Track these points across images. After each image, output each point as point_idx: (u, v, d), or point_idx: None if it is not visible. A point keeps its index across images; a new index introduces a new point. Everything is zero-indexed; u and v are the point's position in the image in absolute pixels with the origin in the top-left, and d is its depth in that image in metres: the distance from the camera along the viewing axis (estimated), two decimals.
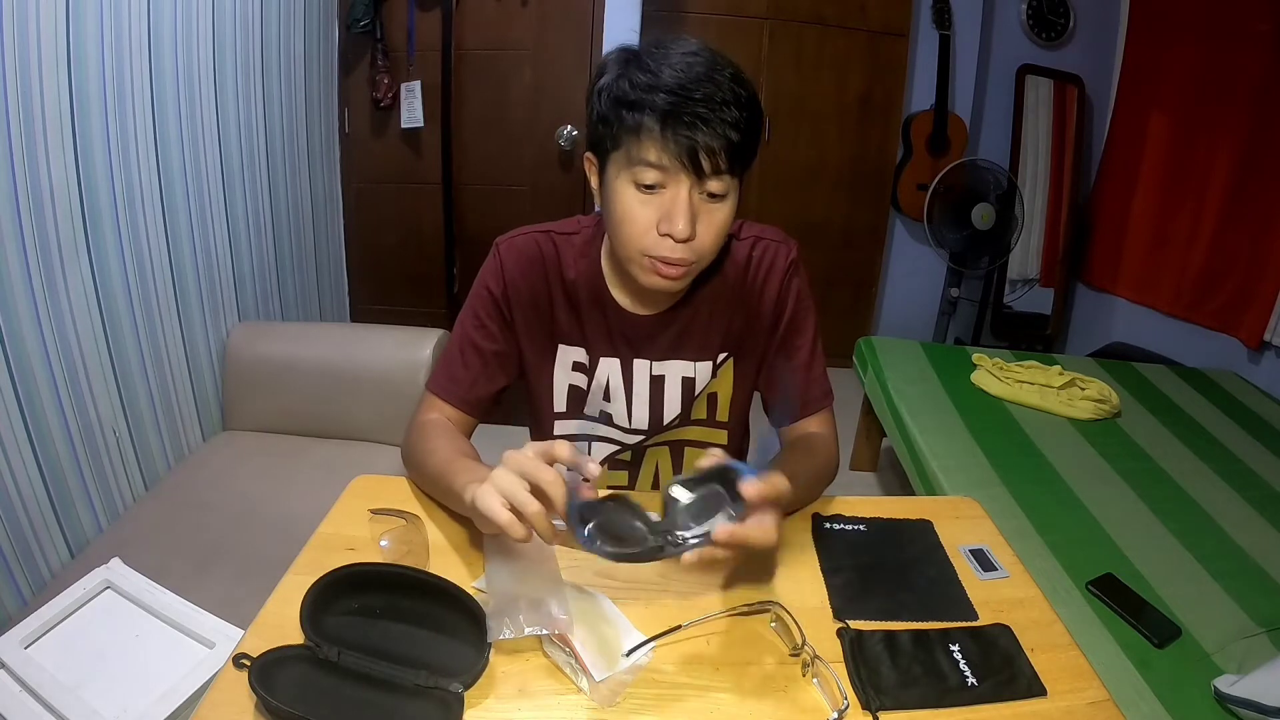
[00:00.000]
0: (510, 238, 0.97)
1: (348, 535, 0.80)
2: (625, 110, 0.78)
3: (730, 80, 0.77)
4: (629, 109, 0.77)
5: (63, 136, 1.31)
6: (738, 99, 0.77)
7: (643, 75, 0.77)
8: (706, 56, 0.78)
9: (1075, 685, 0.66)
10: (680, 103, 0.75)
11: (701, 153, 0.76)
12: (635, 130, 0.77)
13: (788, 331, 0.98)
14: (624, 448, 1.03)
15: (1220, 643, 1.20)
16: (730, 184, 0.80)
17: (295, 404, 1.75)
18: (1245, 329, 2.47)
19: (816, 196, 3.09)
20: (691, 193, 0.79)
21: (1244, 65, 2.54)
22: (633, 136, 0.78)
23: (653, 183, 0.79)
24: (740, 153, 0.79)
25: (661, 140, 0.76)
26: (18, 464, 1.26)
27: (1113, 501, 1.58)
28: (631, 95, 0.77)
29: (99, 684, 0.97)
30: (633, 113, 0.77)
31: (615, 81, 0.79)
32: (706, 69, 0.76)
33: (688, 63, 0.76)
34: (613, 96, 0.79)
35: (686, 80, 0.75)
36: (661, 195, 0.80)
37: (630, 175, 0.80)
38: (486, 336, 0.95)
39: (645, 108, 0.76)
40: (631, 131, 0.78)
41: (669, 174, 0.78)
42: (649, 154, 0.77)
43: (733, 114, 0.76)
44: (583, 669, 0.63)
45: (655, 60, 0.77)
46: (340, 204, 2.65)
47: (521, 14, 2.51)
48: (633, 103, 0.77)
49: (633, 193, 0.81)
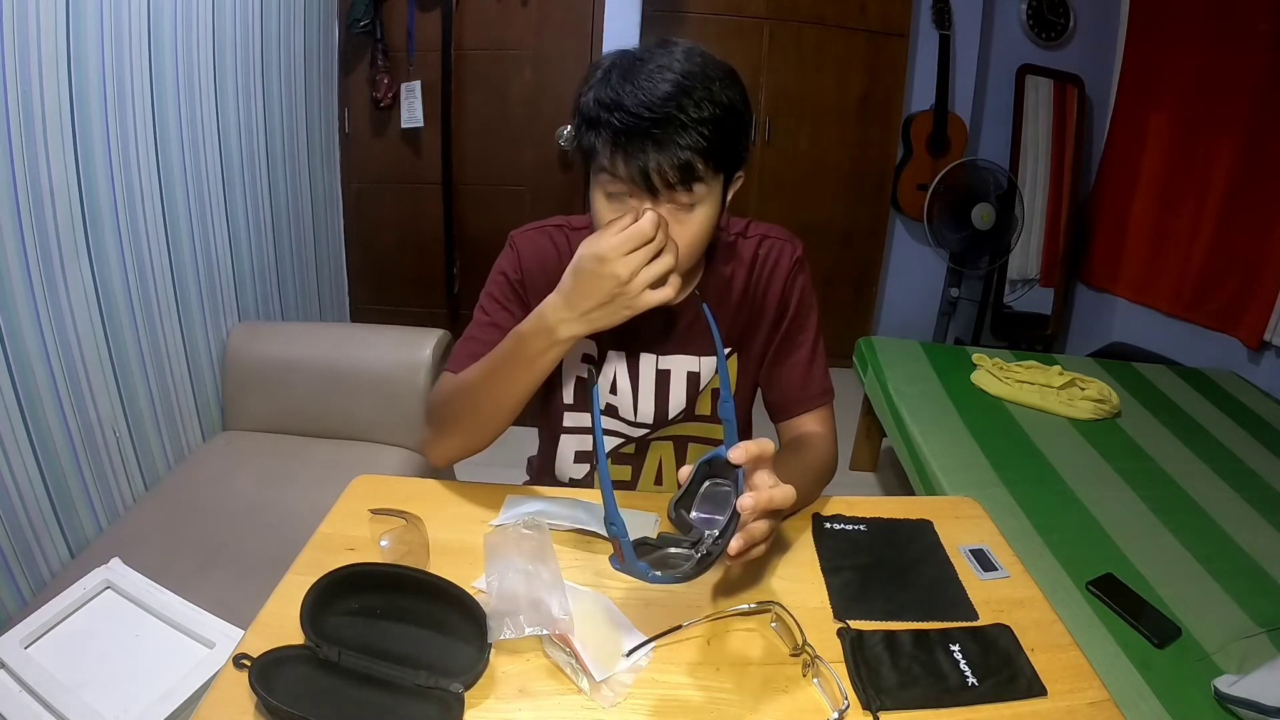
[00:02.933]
0: (523, 231, 0.98)
1: (348, 535, 0.80)
2: (585, 127, 0.79)
3: (700, 98, 0.75)
4: (588, 126, 0.79)
5: (63, 136, 1.31)
6: (700, 119, 0.75)
7: (607, 92, 0.77)
8: (679, 70, 0.76)
9: (1075, 685, 0.66)
10: (634, 124, 0.74)
11: (653, 174, 0.76)
12: (593, 147, 0.79)
13: (790, 328, 0.98)
14: (628, 440, 1.03)
15: (1220, 643, 1.19)
16: (701, 193, 0.80)
17: (295, 404, 1.75)
18: (1245, 329, 2.47)
19: (816, 196, 3.09)
20: (655, 205, 0.79)
21: (1244, 65, 2.54)
22: (591, 153, 0.80)
23: (616, 192, 0.80)
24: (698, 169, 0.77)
25: (612, 160, 0.77)
26: (18, 464, 1.26)
27: (1113, 501, 1.58)
28: (592, 112, 0.78)
29: (99, 684, 0.97)
30: (590, 131, 0.79)
31: (586, 94, 0.80)
32: (673, 87, 0.75)
33: (655, 80, 0.75)
34: (580, 111, 0.81)
35: (648, 101, 0.74)
36: (628, 204, 0.80)
37: (598, 184, 0.82)
38: (507, 317, 0.95)
39: (601, 126, 0.77)
40: (589, 150, 0.80)
41: (631, 187, 0.79)
42: (607, 170, 0.79)
43: (691, 137, 0.75)
44: (583, 669, 0.63)
45: (625, 75, 0.77)
46: (340, 204, 2.65)
47: (521, 14, 2.51)
48: (592, 120, 0.78)
49: (603, 199, 0.82)
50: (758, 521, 0.66)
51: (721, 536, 0.63)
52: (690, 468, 0.67)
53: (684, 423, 1.02)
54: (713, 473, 0.66)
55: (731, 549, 0.63)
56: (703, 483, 0.67)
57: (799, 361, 0.99)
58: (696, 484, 0.67)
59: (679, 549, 0.65)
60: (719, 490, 0.66)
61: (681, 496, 0.67)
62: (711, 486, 0.66)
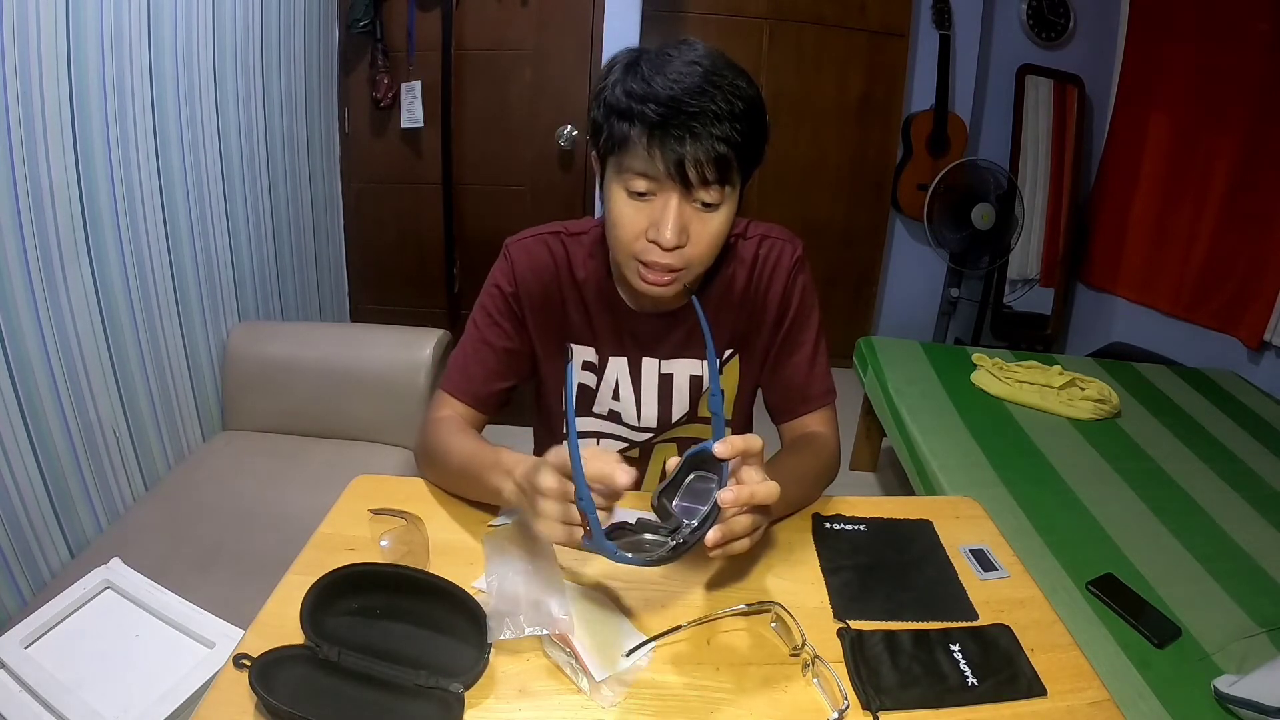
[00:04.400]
0: (519, 239, 0.97)
1: (348, 535, 0.80)
2: (617, 119, 0.78)
3: (728, 91, 0.75)
4: (620, 118, 0.78)
5: (63, 136, 1.31)
6: (733, 111, 0.75)
7: (637, 84, 0.76)
8: (707, 65, 0.76)
9: (1075, 685, 0.66)
10: (670, 115, 0.74)
11: (689, 165, 0.75)
12: (625, 140, 0.77)
13: (792, 328, 0.98)
14: (631, 445, 1.03)
15: (1220, 643, 1.19)
16: (724, 193, 0.80)
17: (295, 404, 1.75)
18: (1245, 329, 2.47)
19: (816, 196, 3.09)
20: (681, 202, 0.79)
21: (1244, 65, 2.54)
22: (623, 145, 0.78)
23: (643, 190, 0.79)
24: (732, 164, 0.77)
25: (649, 152, 0.76)
26: (18, 464, 1.26)
27: (1113, 501, 1.58)
28: (623, 104, 0.77)
29: (99, 684, 0.97)
30: (623, 122, 0.77)
31: (613, 88, 0.79)
32: (703, 79, 0.75)
33: (684, 72, 0.75)
34: (608, 103, 0.79)
35: (679, 91, 0.74)
36: (652, 203, 0.80)
37: (622, 182, 0.80)
38: (500, 334, 0.95)
39: (635, 118, 0.76)
40: (622, 140, 0.78)
41: (658, 183, 0.78)
42: (638, 164, 0.77)
43: (724, 128, 0.75)
44: (583, 669, 0.63)
45: (653, 68, 0.77)
46: (340, 204, 2.65)
47: (521, 14, 2.51)
48: (624, 112, 0.77)
49: (624, 198, 0.81)
50: (740, 516, 0.65)
51: (699, 527, 0.63)
52: (678, 459, 0.67)
53: (687, 425, 1.02)
54: (700, 465, 0.66)
55: (709, 540, 0.63)
56: (689, 474, 0.66)
57: (800, 361, 0.99)
58: (682, 475, 0.66)
59: (655, 535, 0.65)
60: (703, 483, 0.66)
61: (666, 487, 0.66)
62: (697, 479, 0.66)
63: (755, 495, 0.64)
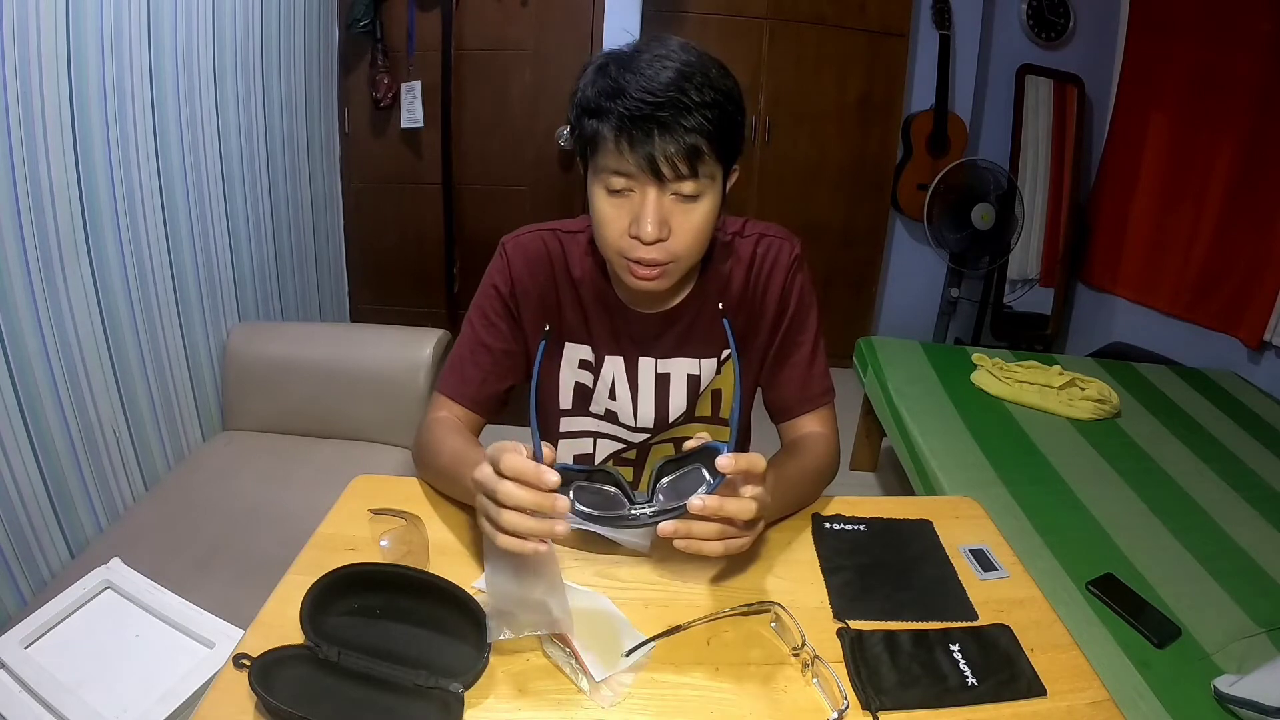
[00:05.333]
0: (515, 237, 0.97)
1: (348, 535, 0.80)
2: (589, 119, 0.79)
3: (700, 83, 0.75)
4: (590, 116, 0.78)
5: (63, 136, 1.31)
6: (704, 103, 0.75)
7: (607, 82, 0.77)
8: (676, 58, 0.76)
9: (1075, 685, 0.66)
10: (637, 109, 0.74)
11: (660, 159, 0.75)
12: (598, 138, 0.78)
13: (790, 328, 0.98)
14: (629, 445, 1.03)
15: (1220, 643, 1.19)
16: (704, 184, 0.80)
17: (295, 404, 1.75)
18: (1245, 329, 2.47)
19: (816, 196, 3.08)
20: (659, 196, 0.79)
21: (1244, 65, 2.54)
22: (598, 144, 0.79)
23: (620, 188, 0.80)
24: (705, 154, 0.77)
25: (620, 148, 0.76)
26: (18, 464, 1.26)
27: (1113, 501, 1.58)
28: (594, 104, 0.78)
29: (99, 684, 0.97)
30: (594, 121, 0.78)
31: (584, 89, 0.80)
32: (674, 74, 0.75)
33: (655, 68, 0.75)
34: (580, 105, 0.80)
35: (650, 86, 0.74)
36: (631, 199, 0.80)
37: (600, 181, 0.81)
38: (496, 335, 0.95)
39: (605, 115, 0.76)
40: (596, 140, 0.78)
41: (634, 179, 0.78)
42: (612, 161, 0.78)
43: (694, 119, 0.75)
44: (583, 669, 0.63)
45: (621, 67, 0.77)
46: (340, 204, 2.65)
47: (521, 14, 2.51)
48: (595, 111, 0.78)
49: (605, 197, 0.81)
50: (704, 524, 0.66)
51: (657, 515, 0.64)
52: (699, 442, 0.67)
53: (684, 425, 1.02)
54: (707, 461, 0.66)
55: (661, 530, 0.64)
56: (693, 466, 0.67)
57: (799, 361, 0.98)
58: (690, 461, 0.67)
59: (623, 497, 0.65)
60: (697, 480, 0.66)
61: (669, 462, 0.67)
62: (694, 473, 0.66)
63: (724, 508, 0.64)
